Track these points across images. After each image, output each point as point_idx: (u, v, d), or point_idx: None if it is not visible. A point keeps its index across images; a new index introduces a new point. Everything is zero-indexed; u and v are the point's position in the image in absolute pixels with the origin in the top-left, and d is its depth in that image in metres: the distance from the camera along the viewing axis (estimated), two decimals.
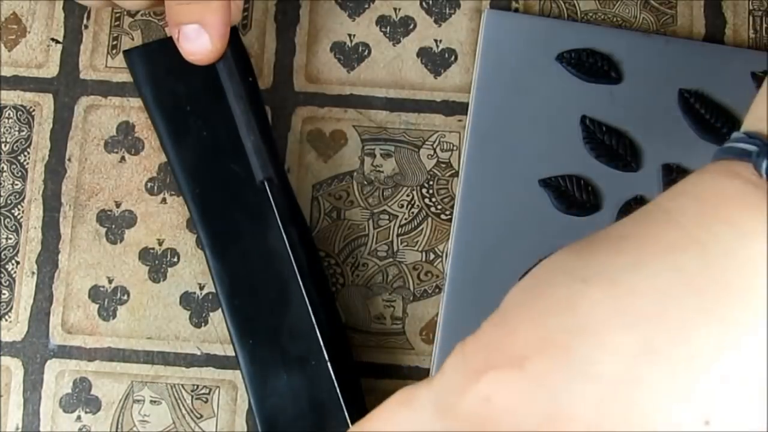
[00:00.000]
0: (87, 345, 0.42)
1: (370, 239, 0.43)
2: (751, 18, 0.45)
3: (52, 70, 0.45)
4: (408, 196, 0.44)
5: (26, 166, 0.44)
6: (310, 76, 0.45)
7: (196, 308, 0.43)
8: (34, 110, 0.44)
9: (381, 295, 0.43)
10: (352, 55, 0.45)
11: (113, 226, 0.43)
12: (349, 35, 0.45)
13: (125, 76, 0.44)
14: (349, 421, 0.38)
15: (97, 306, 0.43)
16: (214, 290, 0.40)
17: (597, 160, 0.43)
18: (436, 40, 0.45)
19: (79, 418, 0.42)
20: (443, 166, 0.44)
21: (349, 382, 0.39)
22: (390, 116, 0.44)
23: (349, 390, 0.38)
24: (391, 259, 0.43)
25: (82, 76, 0.45)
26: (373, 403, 0.41)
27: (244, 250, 0.40)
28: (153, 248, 0.43)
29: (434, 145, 0.44)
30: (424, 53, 0.45)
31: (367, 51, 0.45)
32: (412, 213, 0.43)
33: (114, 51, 0.45)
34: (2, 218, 0.43)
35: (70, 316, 0.43)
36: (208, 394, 0.42)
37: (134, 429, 0.42)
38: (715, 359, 0.21)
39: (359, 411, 0.39)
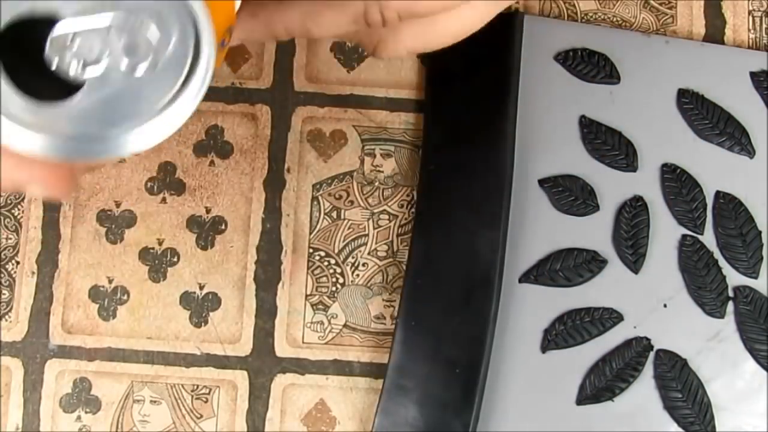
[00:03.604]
0: (87, 345, 0.42)
1: (370, 239, 0.43)
2: (750, 18, 0.45)
3: None
4: (408, 196, 0.44)
5: None
6: (310, 76, 0.45)
7: (196, 308, 0.43)
8: None
9: (381, 295, 0.43)
10: (352, 55, 0.45)
11: (113, 226, 0.43)
12: None
13: None
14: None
15: (97, 306, 0.43)
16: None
17: (596, 160, 0.43)
18: None
19: (79, 418, 0.42)
20: None
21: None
22: (390, 116, 0.44)
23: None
24: (391, 259, 0.43)
25: None
26: (372, 403, 0.41)
27: (452, 236, 0.40)
28: (153, 248, 0.43)
29: None
30: None
31: None
32: (412, 213, 0.43)
33: None
34: (2, 218, 0.43)
35: (70, 316, 0.43)
36: (208, 394, 0.42)
37: (134, 429, 0.42)
38: None
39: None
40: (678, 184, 0.43)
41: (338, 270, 0.43)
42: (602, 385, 0.41)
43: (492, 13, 0.30)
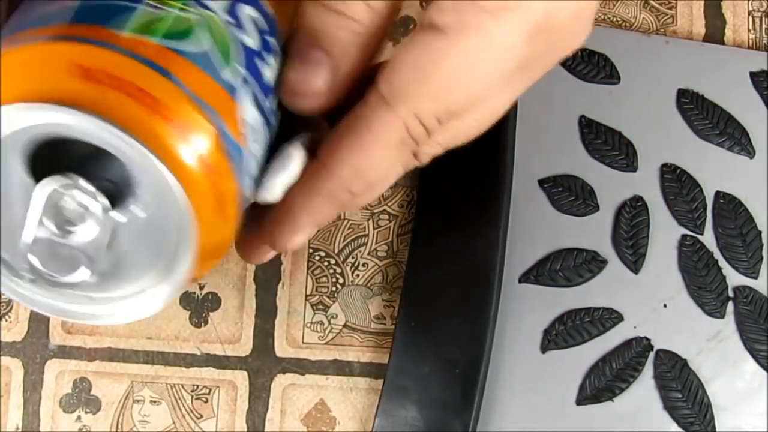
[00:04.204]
0: (87, 345, 0.42)
1: (370, 239, 0.43)
2: (750, 18, 0.45)
3: None
4: (408, 196, 0.44)
5: None
6: None
7: (196, 308, 0.43)
8: None
9: (381, 295, 0.43)
10: None
11: None
12: None
13: None
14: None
15: None
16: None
17: (596, 160, 0.43)
18: None
19: (79, 418, 0.42)
20: None
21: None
22: None
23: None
24: (391, 259, 0.43)
25: None
26: (372, 403, 0.41)
27: (452, 236, 0.41)
28: None
29: None
30: None
31: None
32: (412, 213, 0.43)
33: None
34: None
35: None
36: (208, 394, 0.42)
37: (134, 429, 0.42)
38: None
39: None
40: (678, 184, 0.43)
41: (338, 270, 0.43)
42: (602, 385, 0.41)
43: (516, 94, 0.29)
